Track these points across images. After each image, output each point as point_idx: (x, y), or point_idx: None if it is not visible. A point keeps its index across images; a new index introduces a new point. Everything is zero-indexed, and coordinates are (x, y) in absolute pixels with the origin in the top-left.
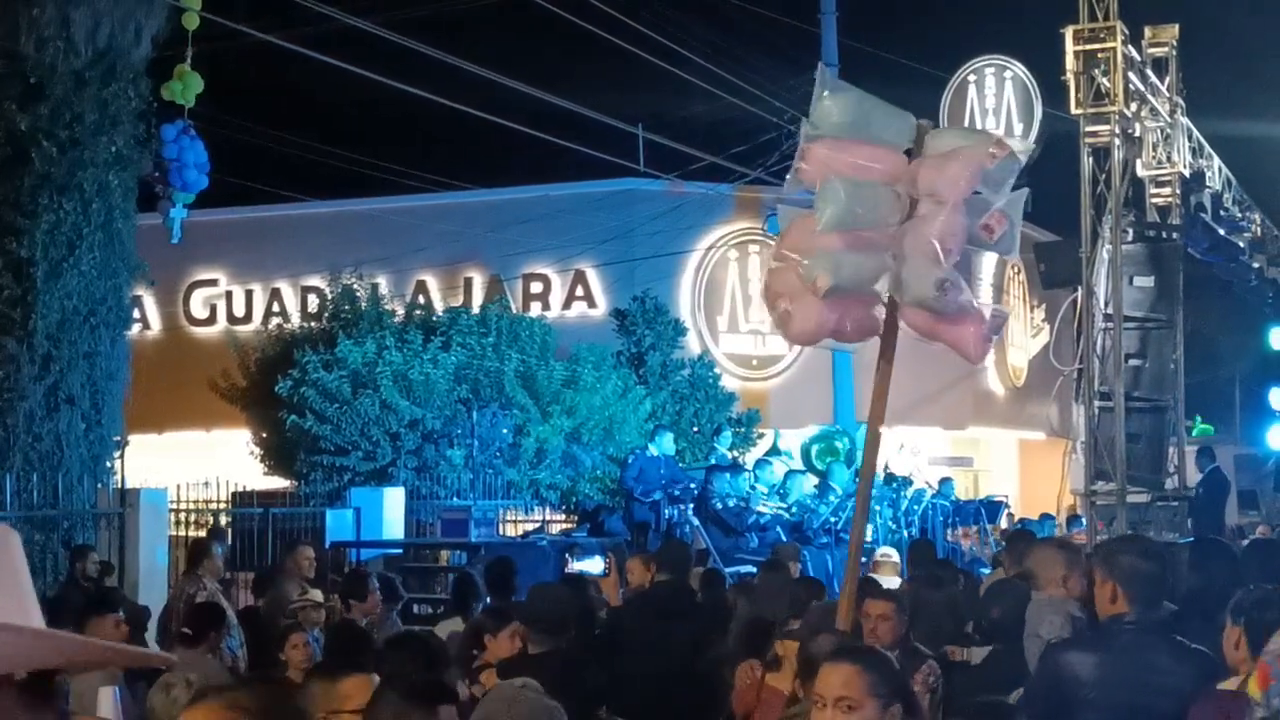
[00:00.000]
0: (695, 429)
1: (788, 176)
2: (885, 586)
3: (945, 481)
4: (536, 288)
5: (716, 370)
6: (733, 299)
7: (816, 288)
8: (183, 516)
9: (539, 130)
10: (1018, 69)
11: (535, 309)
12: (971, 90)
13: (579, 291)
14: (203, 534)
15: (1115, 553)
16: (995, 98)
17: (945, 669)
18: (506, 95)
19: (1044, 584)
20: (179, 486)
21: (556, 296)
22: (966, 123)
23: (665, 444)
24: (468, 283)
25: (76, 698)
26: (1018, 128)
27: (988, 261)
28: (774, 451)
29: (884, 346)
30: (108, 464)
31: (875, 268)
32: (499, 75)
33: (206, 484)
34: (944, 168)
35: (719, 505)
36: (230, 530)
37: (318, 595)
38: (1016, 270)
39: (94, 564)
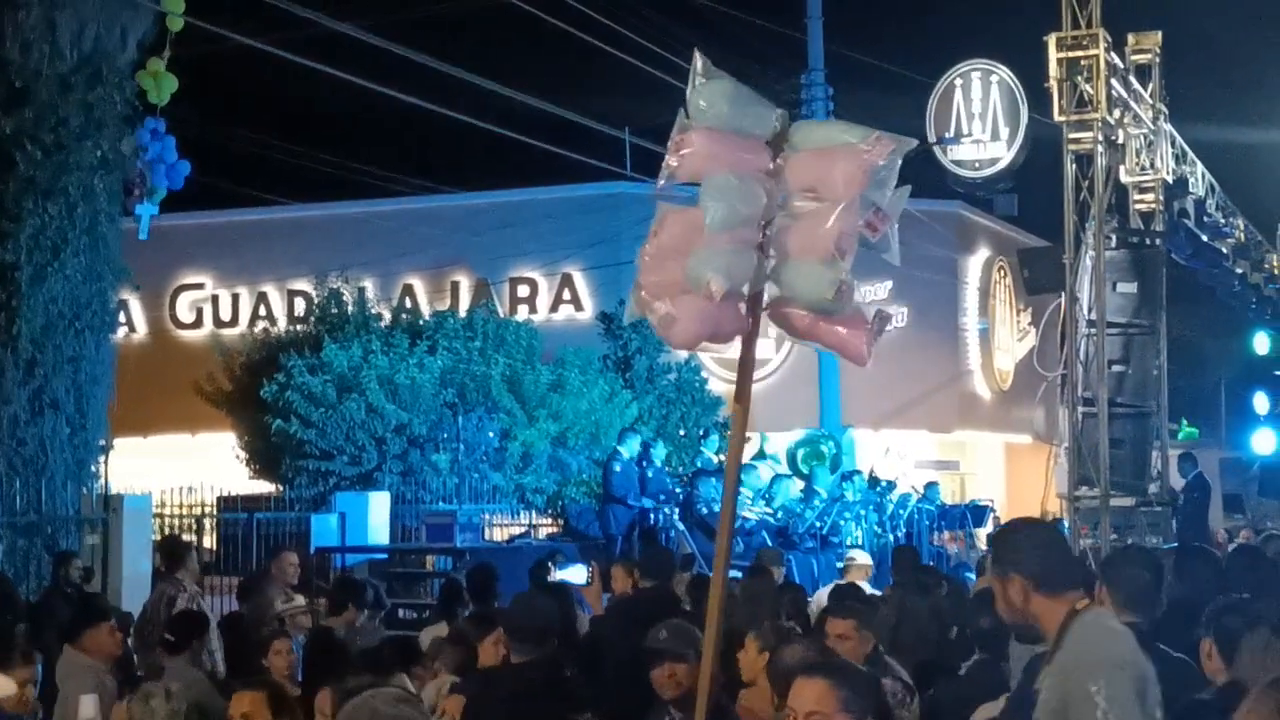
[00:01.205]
0: (682, 433)
1: (662, 168)
2: (862, 593)
3: (931, 485)
4: (523, 291)
5: (703, 374)
6: None
7: (711, 291)
8: (167, 521)
9: (526, 134)
10: (1004, 73)
11: (522, 312)
12: (957, 94)
13: (566, 295)
14: (188, 538)
15: (1113, 561)
16: (981, 102)
17: (929, 678)
18: (493, 99)
19: None
20: (164, 491)
21: (543, 300)
22: (953, 129)
23: (633, 447)
24: (454, 286)
25: (61, 703)
26: (1004, 132)
27: (973, 263)
28: (760, 455)
29: (744, 354)
30: (92, 468)
31: (751, 267)
32: (486, 80)
33: (191, 489)
34: (833, 163)
35: (704, 510)
36: (215, 535)
37: (300, 601)
38: (1003, 274)
39: (77, 570)
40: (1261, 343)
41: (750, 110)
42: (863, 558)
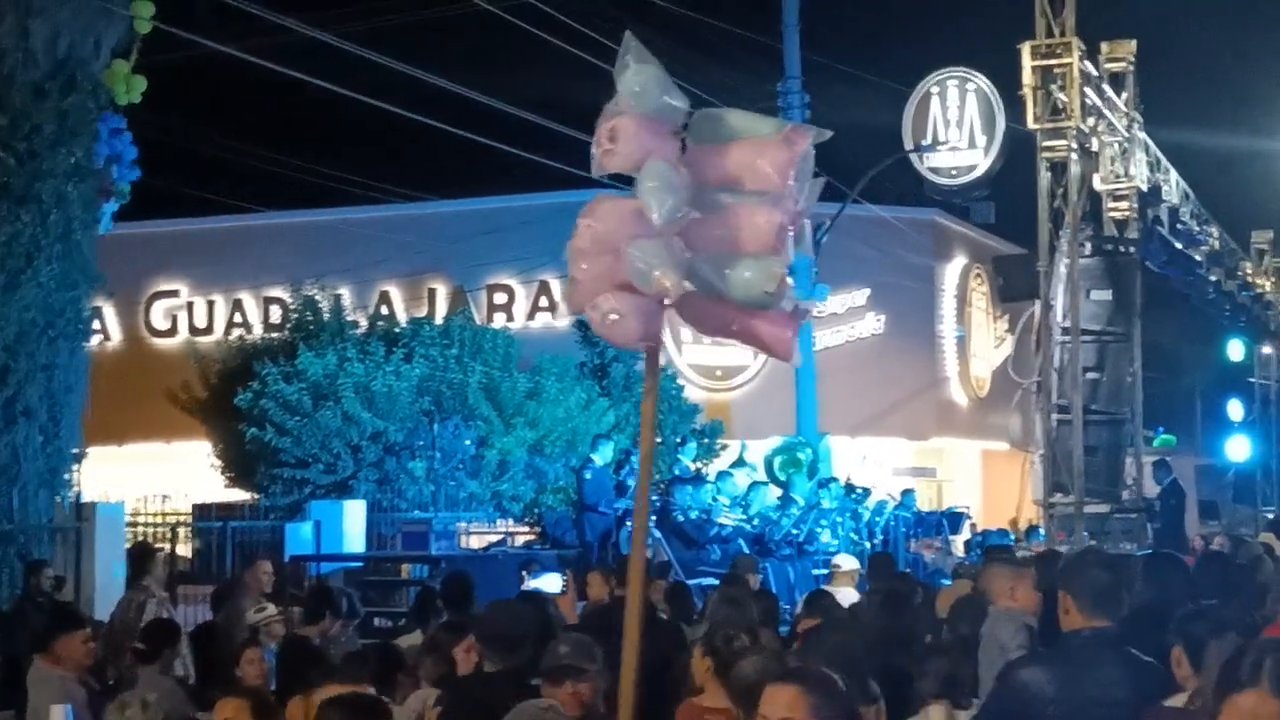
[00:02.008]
0: (659, 441)
1: (592, 157)
2: (842, 601)
3: (907, 493)
4: (500, 299)
5: (680, 381)
6: None
7: (668, 289)
8: (141, 530)
9: (503, 141)
10: (980, 81)
11: (499, 320)
12: (934, 102)
13: (543, 302)
14: (162, 546)
15: (1071, 566)
16: (958, 110)
17: (902, 683)
18: (470, 107)
19: (996, 597)
20: (138, 499)
21: (520, 307)
22: (930, 136)
23: (606, 454)
24: (431, 294)
25: (32, 713)
26: (980, 140)
27: (950, 270)
28: (739, 463)
29: (648, 358)
30: (65, 477)
31: (680, 263)
32: (463, 87)
33: (166, 497)
34: (759, 154)
35: (680, 517)
36: (190, 543)
37: (273, 610)
38: (980, 281)
39: (48, 578)
40: (1235, 350)
41: (671, 99)
42: (848, 563)
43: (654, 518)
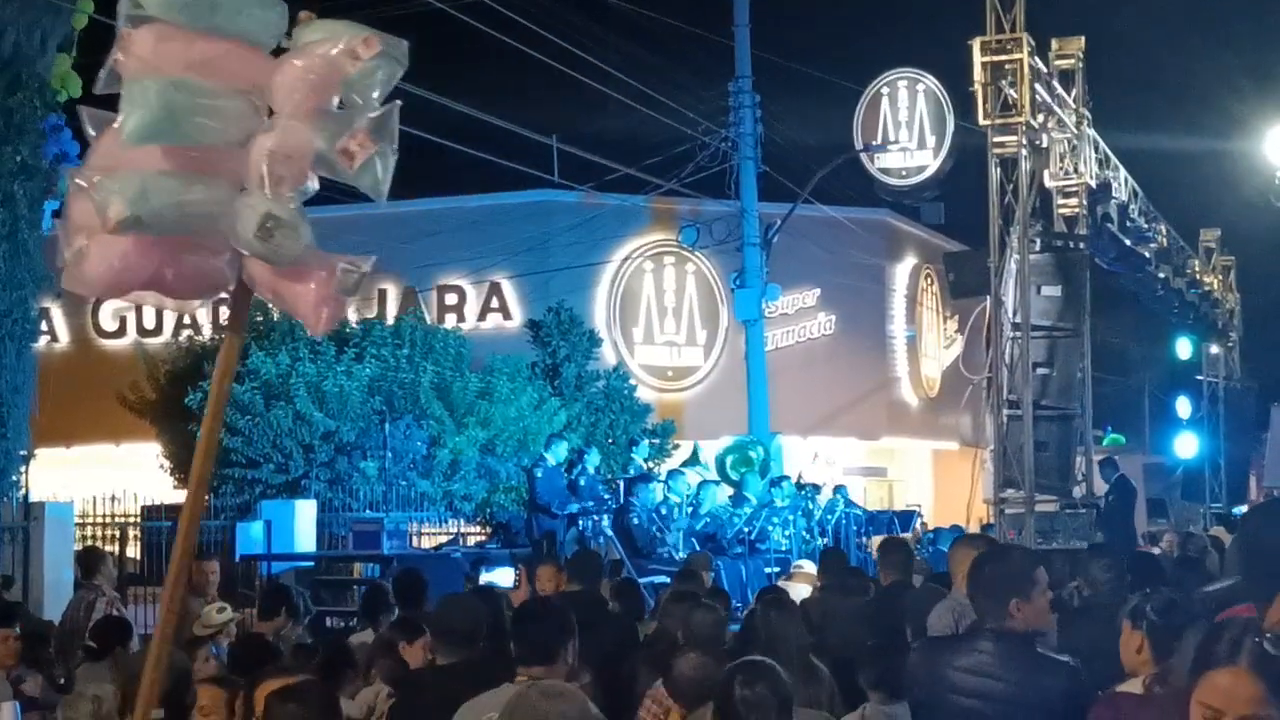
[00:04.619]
0: (610, 440)
1: (101, 73)
2: (795, 596)
3: (840, 488)
4: (451, 299)
5: (632, 381)
6: (648, 310)
7: (108, 219)
8: (90, 530)
9: (453, 141)
10: (930, 82)
11: (450, 320)
12: (885, 103)
13: (494, 303)
14: (111, 548)
15: (976, 563)
16: (908, 110)
17: (853, 677)
18: (419, 106)
19: (953, 579)
20: (87, 500)
21: (471, 308)
22: (880, 136)
23: (559, 453)
24: (382, 294)
25: None
26: (930, 140)
27: (901, 271)
28: (693, 461)
29: (231, 314)
30: (13, 477)
31: (212, 200)
32: (412, 86)
33: (115, 498)
34: (280, 69)
35: (635, 520)
36: (139, 544)
37: (230, 613)
38: (930, 281)
39: None
40: (1184, 348)
41: (239, 5)
42: (810, 566)
43: (607, 517)
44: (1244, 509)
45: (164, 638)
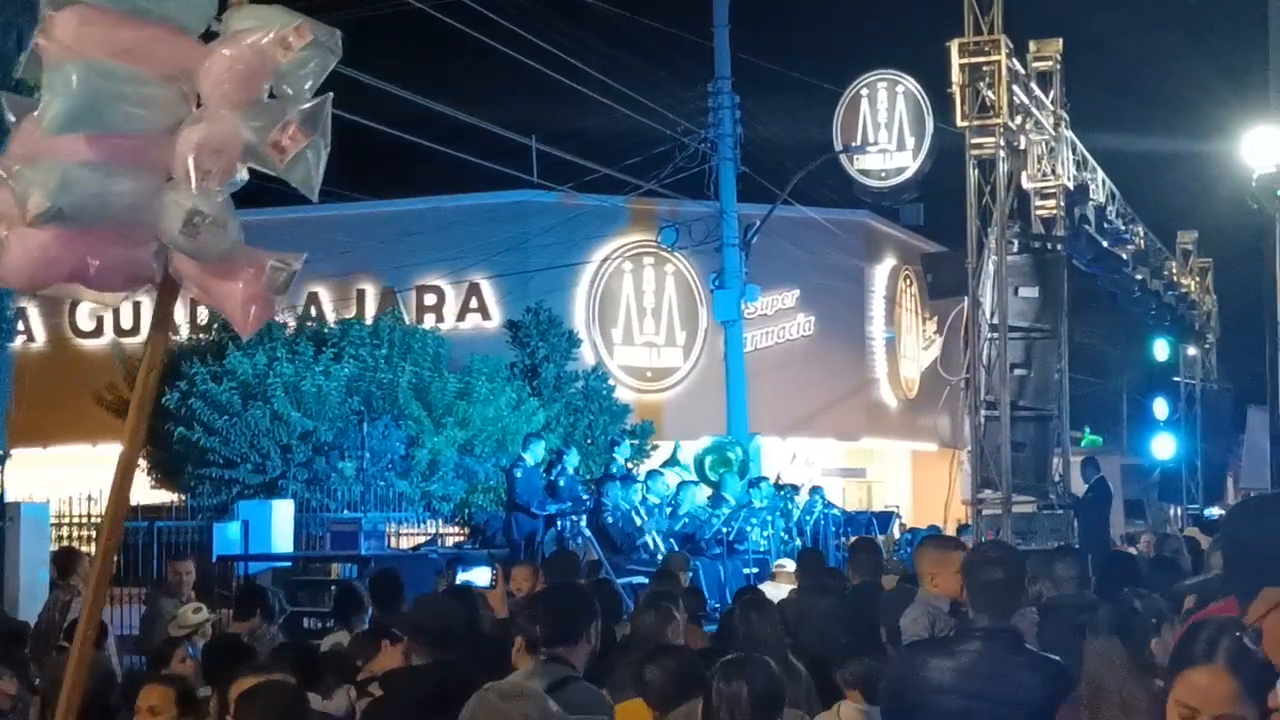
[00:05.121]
0: (590, 441)
1: (22, 57)
2: (773, 596)
3: (817, 489)
4: (430, 299)
5: (611, 382)
6: (627, 311)
7: (27, 211)
8: (67, 530)
9: (432, 141)
10: (909, 83)
11: (429, 321)
12: (864, 104)
13: (473, 303)
14: (87, 549)
15: (969, 561)
16: (888, 112)
17: (829, 676)
18: (400, 106)
19: (920, 581)
20: (64, 500)
21: (450, 308)
22: (859, 138)
23: (537, 453)
24: (360, 294)
25: None
26: (909, 142)
27: (880, 272)
28: (672, 462)
29: (156, 307)
30: None
31: (136, 192)
32: (392, 86)
33: (91, 498)
34: (208, 58)
35: (609, 519)
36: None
37: (206, 614)
38: (909, 283)
39: None
40: (1161, 349)
41: None
42: (792, 566)
43: (585, 517)
44: (1217, 511)
45: (85, 639)
